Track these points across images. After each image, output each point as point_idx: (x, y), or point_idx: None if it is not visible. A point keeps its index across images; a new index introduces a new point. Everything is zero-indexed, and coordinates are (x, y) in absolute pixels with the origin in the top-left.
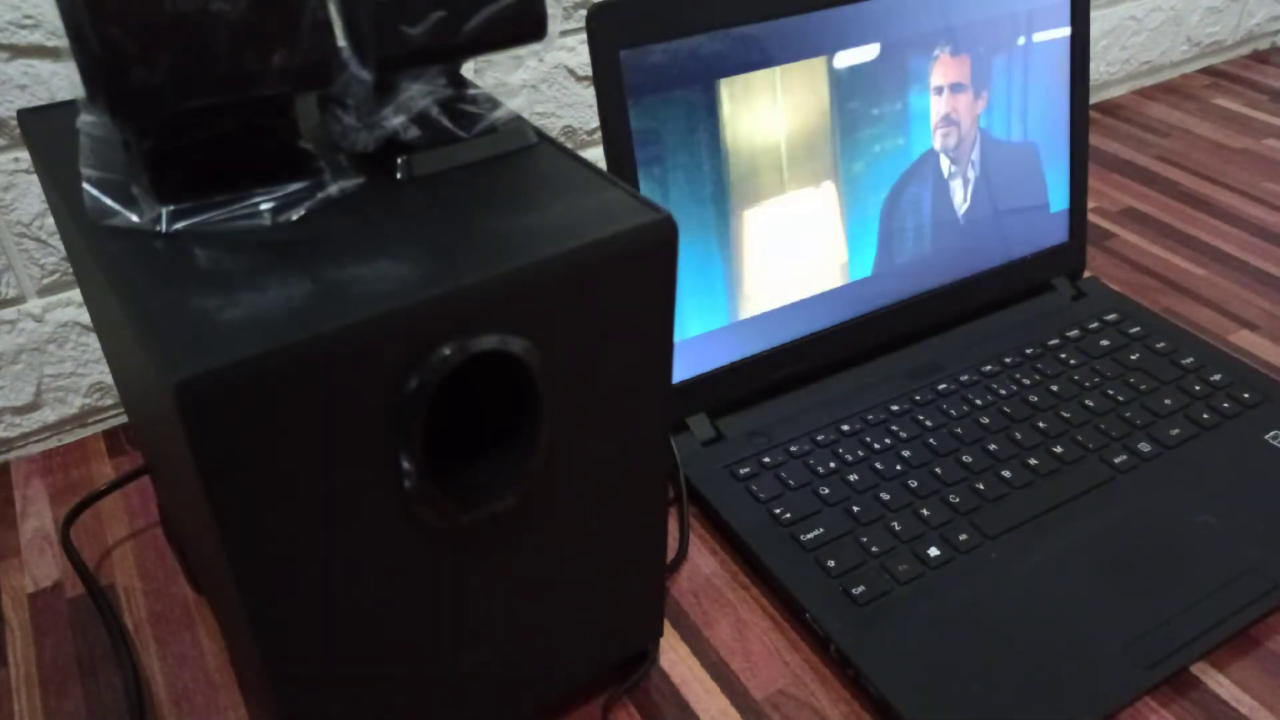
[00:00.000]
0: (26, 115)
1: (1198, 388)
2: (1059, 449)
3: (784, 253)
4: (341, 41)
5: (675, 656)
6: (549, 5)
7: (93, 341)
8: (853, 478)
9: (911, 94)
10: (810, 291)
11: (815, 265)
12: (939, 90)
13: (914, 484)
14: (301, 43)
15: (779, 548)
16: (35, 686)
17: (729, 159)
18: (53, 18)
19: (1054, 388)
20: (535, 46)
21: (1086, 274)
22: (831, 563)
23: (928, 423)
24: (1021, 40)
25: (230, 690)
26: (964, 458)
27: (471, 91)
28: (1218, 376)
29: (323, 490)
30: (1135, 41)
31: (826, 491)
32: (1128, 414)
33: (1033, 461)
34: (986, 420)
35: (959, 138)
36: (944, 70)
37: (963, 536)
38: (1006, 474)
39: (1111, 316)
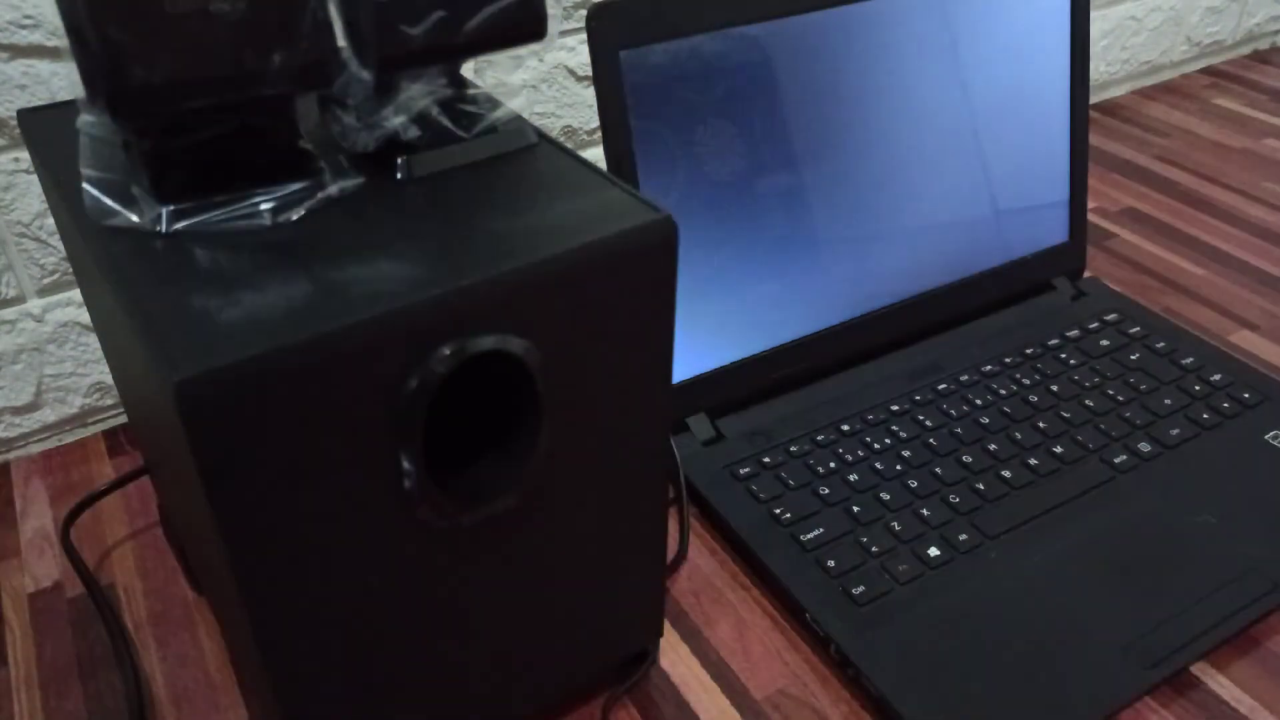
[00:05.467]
0: (26, 115)
1: (1198, 388)
2: (1059, 449)
3: (782, 250)
4: (341, 41)
5: (675, 656)
6: (549, 5)
7: (93, 341)
8: (853, 478)
9: (911, 94)
10: (810, 291)
11: (815, 264)
12: (938, 90)
13: (914, 484)
14: (301, 43)
15: (779, 548)
16: (35, 686)
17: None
18: (53, 18)
19: (1054, 388)
20: (535, 46)
21: (1086, 274)
22: (831, 563)
23: (928, 423)
24: (1022, 40)
25: (230, 690)
26: (964, 458)
27: (471, 91)
28: (1218, 376)
29: (323, 490)
30: (1135, 41)
31: (826, 491)
32: (1128, 414)
33: (1033, 461)
34: (986, 420)
35: (958, 137)
36: (944, 70)
37: (963, 536)
38: (1006, 474)
39: (1111, 316)
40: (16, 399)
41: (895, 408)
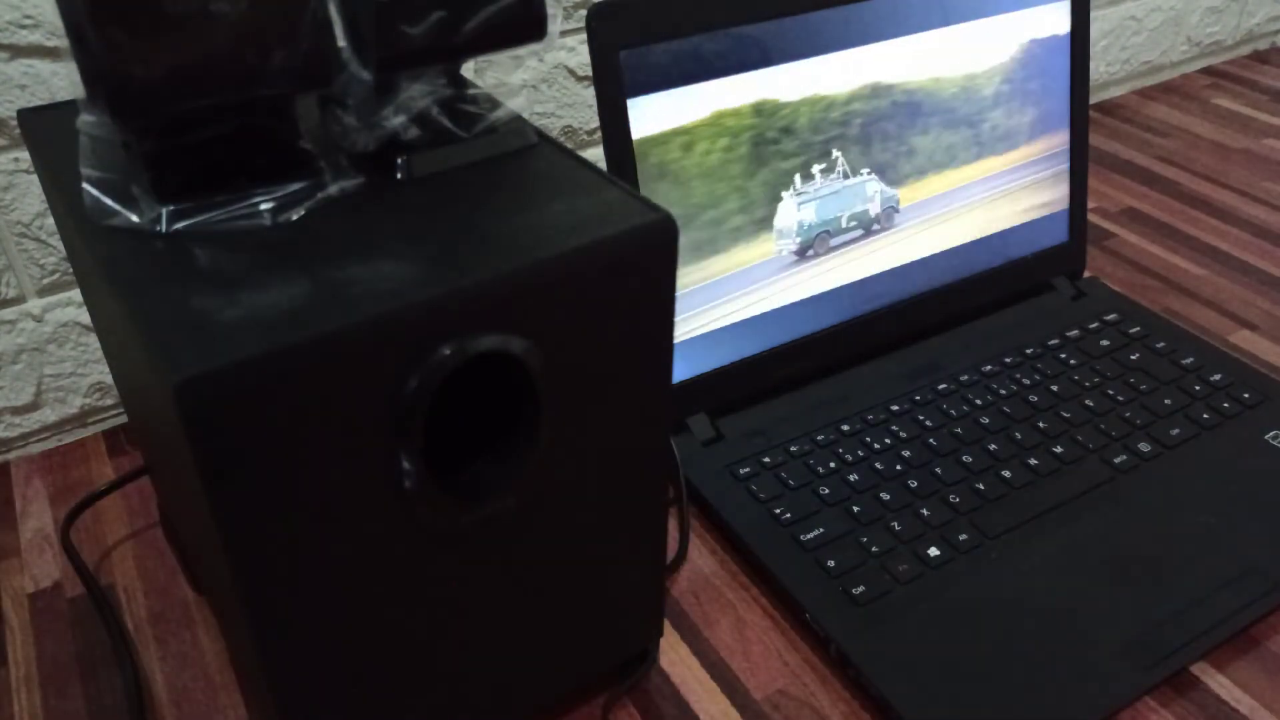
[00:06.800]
0: (26, 115)
1: (1198, 388)
2: (1059, 449)
3: (782, 249)
4: (341, 41)
5: (675, 656)
6: (549, 5)
7: (93, 341)
8: (853, 478)
9: (911, 93)
10: (810, 291)
11: (815, 264)
12: (939, 90)
13: (914, 484)
14: (301, 43)
15: (779, 548)
16: (35, 686)
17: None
18: (53, 18)
19: (1054, 388)
20: (535, 46)
21: (1086, 274)
22: (831, 563)
23: (928, 423)
24: (1022, 40)
25: (230, 690)
26: (964, 458)
27: (471, 91)
28: (1218, 376)
29: (323, 490)
30: (1135, 41)
31: (826, 491)
32: (1128, 414)
33: (1033, 461)
34: (986, 420)
35: (958, 136)
36: (944, 70)
37: (963, 536)
38: (1006, 474)
39: (1111, 316)
40: (16, 399)
41: (895, 408)
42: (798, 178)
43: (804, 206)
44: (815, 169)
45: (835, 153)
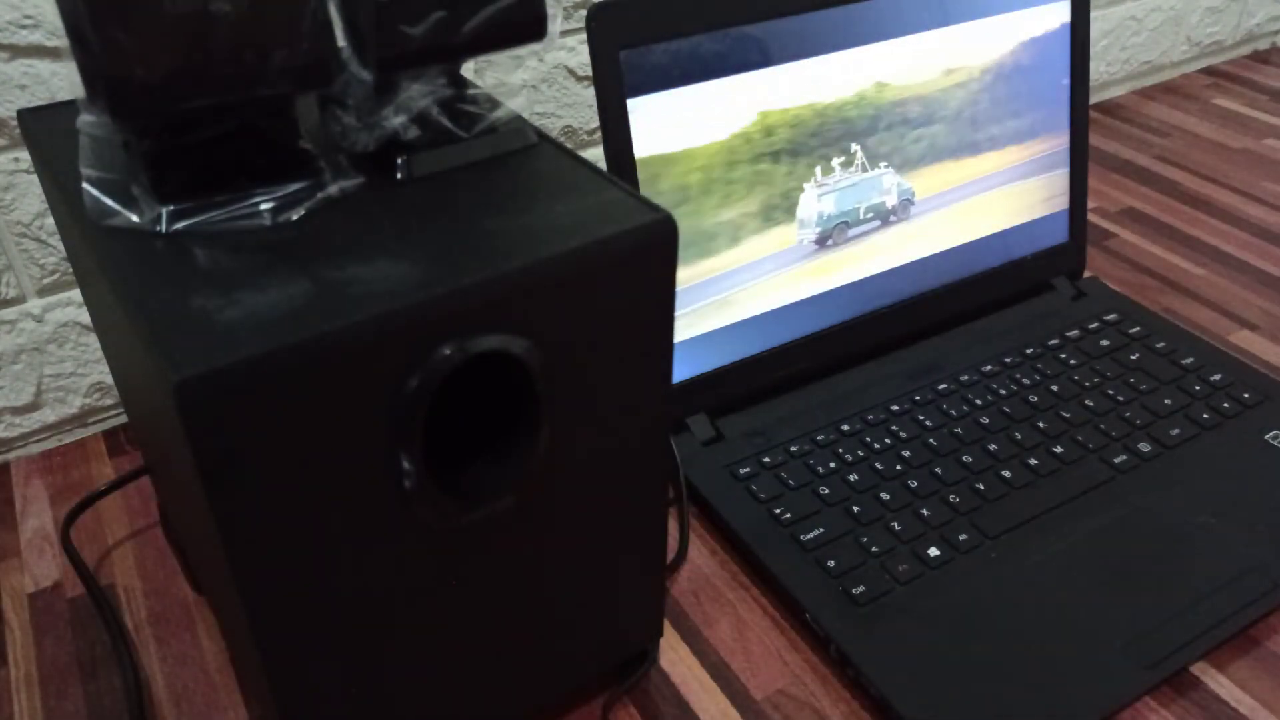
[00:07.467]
0: (26, 115)
1: (1198, 388)
2: (1059, 449)
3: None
4: (341, 41)
5: (675, 656)
6: (549, 5)
7: (93, 341)
8: (853, 477)
9: (911, 92)
10: (810, 291)
11: (814, 263)
12: (939, 89)
13: (914, 484)
14: (301, 43)
15: (779, 548)
16: (35, 686)
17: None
18: (53, 18)
19: (1054, 388)
20: (535, 46)
21: (1086, 274)
22: (831, 563)
23: (928, 423)
24: (1022, 40)
25: (230, 690)
26: (964, 458)
27: (471, 91)
28: (1218, 376)
29: (322, 490)
30: (1135, 41)
31: (826, 491)
32: (1128, 414)
33: (1033, 461)
34: (986, 420)
35: (958, 135)
36: (945, 70)
37: (963, 536)
38: (1006, 474)
39: (1111, 316)
40: (16, 399)
41: (895, 408)
42: (818, 170)
43: (824, 198)
44: (835, 162)
45: (854, 146)
